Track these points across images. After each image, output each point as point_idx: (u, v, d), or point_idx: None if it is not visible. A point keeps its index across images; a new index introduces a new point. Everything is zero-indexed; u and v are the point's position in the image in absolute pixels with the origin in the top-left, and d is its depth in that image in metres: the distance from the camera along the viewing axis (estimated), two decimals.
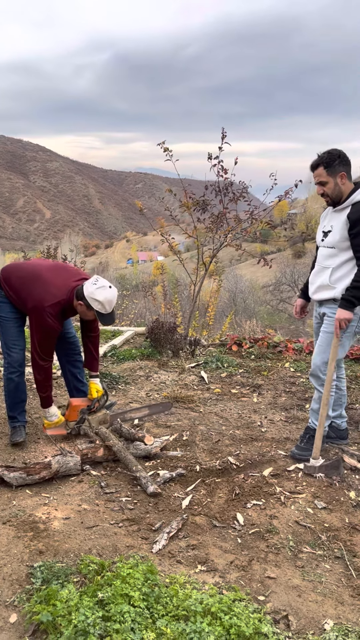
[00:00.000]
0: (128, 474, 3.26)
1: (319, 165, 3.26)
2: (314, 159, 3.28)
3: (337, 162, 3.22)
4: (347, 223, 3.20)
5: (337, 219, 3.30)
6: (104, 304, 3.36)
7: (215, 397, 4.80)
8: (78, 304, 3.42)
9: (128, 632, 1.92)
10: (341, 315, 3.24)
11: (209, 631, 1.94)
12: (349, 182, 3.27)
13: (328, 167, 3.23)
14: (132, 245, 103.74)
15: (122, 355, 5.94)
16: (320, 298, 3.46)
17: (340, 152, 3.25)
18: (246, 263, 50.64)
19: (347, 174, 3.25)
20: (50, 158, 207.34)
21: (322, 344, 3.45)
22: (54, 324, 3.41)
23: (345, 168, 3.24)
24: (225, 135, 5.90)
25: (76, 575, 2.30)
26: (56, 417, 3.69)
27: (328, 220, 3.40)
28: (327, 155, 3.24)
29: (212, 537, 2.69)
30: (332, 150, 3.25)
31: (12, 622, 2.06)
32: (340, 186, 3.25)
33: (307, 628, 2.11)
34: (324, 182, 3.27)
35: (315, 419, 3.53)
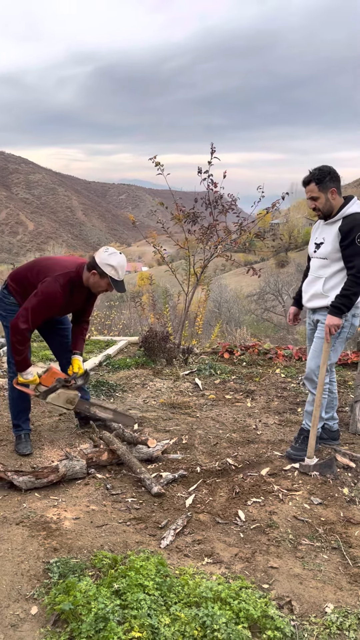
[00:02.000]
0: (132, 476, 3.40)
1: (311, 182, 3.47)
2: (306, 175, 3.49)
3: (328, 178, 3.43)
4: (339, 235, 3.41)
5: (328, 231, 3.51)
6: (117, 269, 3.49)
7: (211, 402, 4.96)
8: (91, 275, 3.51)
9: (145, 618, 2.06)
10: (331, 321, 3.44)
11: (220, 614, 2.08)
12: (339, 197, 3.49)
13: (319, 183, 3.44)
14: None
15: (117, 364, 6.08)
16: (313, 306, 3.66)
17: (330, 169, 3.46)
18: (230, 273, 51.04)
19: (337, 190, 3.47)
20: (33, 170, 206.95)
21: (316, 349, 3.64)
22: (58, 292, 3.44)
23: (335, 184, 3.46)
24: (214, 150, 6.11)
25: (91, 569, 2.44)
26: (32, 376, 3.61)
27: (320, 233, 3.61)
28: (318, 172, 3.45)
29: (216, 533, 2.84)
30: (323, 167, 3.46)
31: (34, 614, 2.19)
32: (331, 201, 3.46)
33: (310, 612, 2.26)
34: (315, 197, 3.48)
35: (309, 420, 3.71)
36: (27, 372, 3.59)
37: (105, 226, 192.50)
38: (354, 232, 3.35)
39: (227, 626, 2.03)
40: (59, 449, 3.79)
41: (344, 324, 3.52)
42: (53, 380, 3.69)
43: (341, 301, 3.40)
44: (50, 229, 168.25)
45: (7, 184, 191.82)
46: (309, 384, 3.73)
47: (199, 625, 2.05)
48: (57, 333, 3.96)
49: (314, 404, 3.61)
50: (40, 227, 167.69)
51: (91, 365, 5.95)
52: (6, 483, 3.20)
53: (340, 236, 3.41)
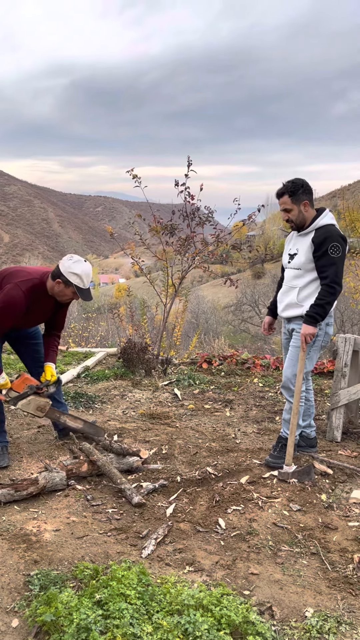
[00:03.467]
0: (113, 486, 3.39)
1: (284, 194, 3.56)
2: (279, 187, 3.58)
3: (301, 191, 3.53)
4: (312, 246, 3.50)
5: (302, 242, 3.60)
6: (82, 277, 3.44)
7: (190, 412, 4.99)
8: (56, 284, 3.47)
9: (127, 627, 2.06)
10: (306, 330, 3.51)
11: (202, 621, 2.10)
12: (312, 209, 3.59)
13: (292, 195, 3.53)
14: (93, 268, 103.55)
15: (95, 376, 6.06)
16: (288, 315, 3.73)
17: (303, 181, 3.56)
18: (207, 284, 51.34)
19: (309, 202, 3.56)
20: (7, 182, 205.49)
21: (292, 358, 3.70)
22: (20, 297, 3.39)
23: (308, 197, 3.56)
24: (191, 163, 6.20)
25: (72, 580, 2.43)
26: (3, 380, 3.58)
27: (293, 244, 3.70)
28: (291, 184, 3.55)
29: (197, 541, 2.86)
30: (296, 180, 3.56)
31: (15, 627, 2.17)
32: (303, 213, 3.56)
33: (290, 616, 2.29)
34: (288, 209, 3.58)
35: (287, 428, 3.76)
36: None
37: (81, 238, 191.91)
38: (326, 243, 3.45)
39: (209, 632, 2.05)
40: (38, 461, 3.76)
41: (319, 333, 3.60)
42: (25, 387, 3.67)
43: (315, 310, 3.48)
44: (26, 241, 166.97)
45: None
46: (285, 393, 3.79)
47: (182, 633, 2.06)
48: (29, 347, 3.93)
49: (291, 412, 3.67)
50: (15, 239, 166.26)
51: (70, 377, 5.93)
52: None
53: (314, 247, 3.50)
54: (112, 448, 3.79)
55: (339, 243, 3.46)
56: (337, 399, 4.23)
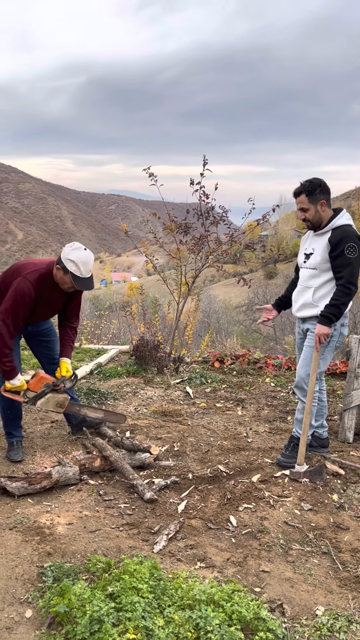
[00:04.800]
0: (125, 482, 3.42)
1: (302, 193, 3.56)
2: (297, 186, 3.58)
3: (318, 190, 3.52)
4: (328, 246, 3.50)
5: (318, 242, 3.60)
6: (78, 264, 3.42)
7: (202, 411, 5.01)
8: (56, 270, 3.50)
9: (140, 620, 2.08)
10: (320, 330, 3.51)
11: (214, 616, 2.12)
12: (329, 209, 3.58)
13: (310, 195, 3.53)
14: (106, 266, 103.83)
15: (108, 373, 6.10)
16: (303, 315, 3.73)
17: (321, 181, 3.56)
18: (219, 284, 51.27)
19: (326, 202, 3.56)
20: (22, 179, 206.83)
21: (305, 358, 3.71)
22: (28, 288, 3.43)
23: (325, 196, 3.55)
24: (206, 162, 6.21)
25: (84, 573, 2.46)
26: (19, 382, 3.59)
27: (309, 243, 3.70)
28: (309, 184, 3.54)
29: (208, 538, 2.88)
30: (314, 180, 3.56)
31: (28, 617, 2.21)
32: (320, 213, 3.55)
33: (301, 614, 2.30)
34: (305, 208, 3.57)
35: (299, 428, 3.77)
36: (14, 378, 3.57)
37: (94, 236, 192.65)
38: (343, 243, 3.44)
39: (220, 628, 2.07)
40: (52, 455, 3.81)
41: (333, 333, 3.60)
42: (41, 386, 3.67)
43: (330, 311, 3.48)
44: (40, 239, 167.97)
45: None
46: (298, 392, 3.79)
47: (193, 627, 2.09)
48: (42, 344, 3.94)
49: (303, 412, 3.67)
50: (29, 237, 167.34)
51: (82, 374, 5.97)
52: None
53: (330, 247, 3.50)
54: (123, 444, 3.82)
55: (356, 243, 3.44)
56: (350, 400, 4.22)
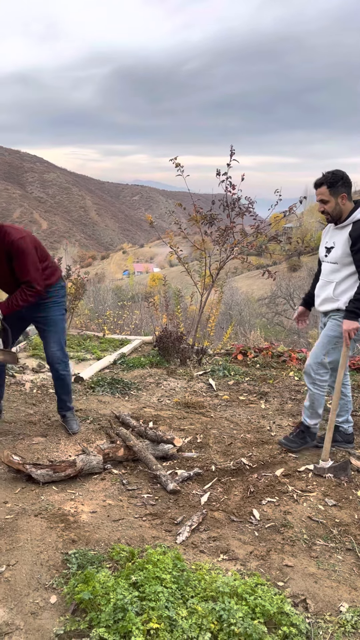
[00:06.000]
0: (148, 472, 3.44)
1: (323, 184, 3.51)
2: (319, 177, 3.54)
3: (340, 183, 3.47)
4: (349, 240, 3.45)
5: (339, 236, 3.55)
6: None
7: (224, 403, 4.99)
8: None
9: (163, 610, 2.09)
10: (348, 326, 3.46)
11: (237, 609, 2.11)
12: (349, 202, 3.53)
13: (331, 187, 3.48)
14: (129, 256, 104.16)
15: (131, 363, 6.13)
16: (325, 310, 3.71)
17: (343, 174, 3.50)
18: (242, 276, 51.00)
19: (347, 195, 3.51)
20: (47, 169, 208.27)
21: (318, 345, 3.71)
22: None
23: (346, 189, 3.51)
24: (233, 152, 6.15)
25: (108, 561, 2.48)
26: None
27: (330, 237, 3.65)
28: (331, 175, 3.49)
29: (231, 530, 2.87)
30: (336, 172, 3.50)
31: (53, 603, 2.23)
32: (340, 206, 3.51)
33: (324, 610, 2.29)
34: (325, 200, 3.52)
35: (307, 415, 3.81)
36: None
37: (117, 226, 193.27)
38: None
39: (243, 620, 2.06)
40: (76, 444, 3.84)
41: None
42: None
43: (355, 305, 3.44)
44: (64, 228, 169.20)
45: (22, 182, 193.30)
46: (306, 379, 3.81)
47: (216, 619, 2.09)
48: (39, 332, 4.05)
49: (310, 399, 3.74)
50: (53, 226, 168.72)
51: (106, 363, 6.01)
52: (24, 475, 3.26)
53: (351, 241, 3.45)
54: (147, 435, 3.83)
55: None
56: None
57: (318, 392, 3.74)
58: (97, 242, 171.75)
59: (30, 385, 5.14)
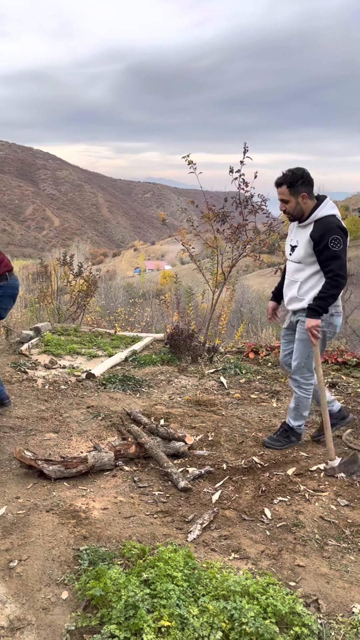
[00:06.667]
0: (159, 469, 3.44)
1: (283, 184, 3.52)
2: (279, 176, 3.54)
3: (300, 182, 3.47)
4: (311, 241, 3.45)
5: (301, 235, 3.55)
6: None
7: (236, 401, 4.98)
8: None
9: (174, 607, 2.09)
10: (309, 323, 3.50)
11: (248, 608, 2.10)
12: (311, 201, 3.51)
13: (291, 186, 3.48)
14: (140, 254, 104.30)
15: (142, 360, 6.13)
16: (292, 308, 3.76)
17: (303, 172, 3.49)
18: (253, 274, 50.79)
19: (308, 194, 3.49)
20: (60, 166, 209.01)
21: (297, 351, 3.74)
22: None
23: (307, 189, 3.49)
24: (247, 149, 6.12)
25: (119, 558, 2.48)
26: None
27: (294, 235, 3.66)
28: (291, 175, 3.49)
29: (243, 529, 2.86)
30: (296, 171, 3.49)
31: (64, 598, 2.24)
32: (301, 205, 3.51)
33: (337, 611, 2.27)
34: (286, 200, 3.53)
35: (292, 417, 3.87)
36: None
37: (129, 224, 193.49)
38: (326, 237, 3.39)
39: (255, 620, 2.05)
40: (88, 441, 3.85)
41: (322, 325, 3.56)
42: None
43: (317, 303, 3.47)
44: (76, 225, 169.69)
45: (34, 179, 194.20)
46: (291, 383, 3.86)
47: (227, 618, 2.08)
48: None
49: (294, 402, 3.81)
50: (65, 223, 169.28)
51: (117, 360, 6.01)
52: (36, 471, 3.27)
53: (313, 242, 3.45)
54: (158, 432, 3.83)
55: (339, 235, 3.39)
56: None
57: (304, 395, 3.79)
58: (109, 239, 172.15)
59: (42, 381, 5.17)
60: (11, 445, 3.68)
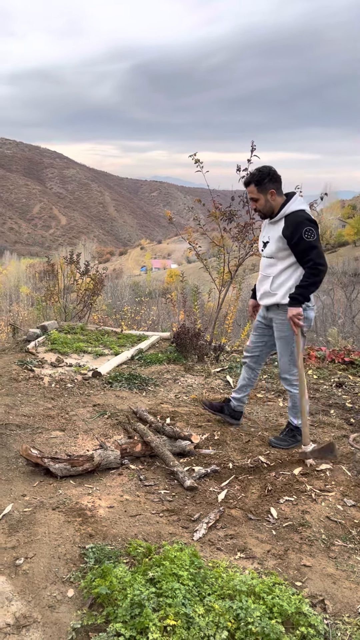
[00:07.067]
0: (165, 468, 3.44)
1: (251, 183, 3.58)
2: (246, 176, 3.64)
3: (267, 180, 3.53)
4: (283, 237, 3.50)
5: (273, 231, 3.61)
6: None
7: None
8: None
9: (180, 606, 2.08)
10: (291, 312, 3.53)
11: (254, 608, 2.10)
12: (280, 197, 3.57)
13: (258, 184, 3.54)
14: (146, 253, 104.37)
15: (149, 359, 6.13)
16: (265, 303, 3.80)
17: (270, 170, 3.55)
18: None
19: (277, 190, 3.55)
20: (67, 165, 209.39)
21: (280, 352, 3.80)
22: None
23: (274, 185, 3.55)
24: (254, 148, 6.10)
25: (125, 557, 2.48)
26: None
27: (266, 231, 3.71)
28: (257, 173, 3.56)
29: (248, 529, 2.86)
30: (262, 169, 3.57)
31: (70, 596, 2.24)
32: (270, 202, 3.57)
33: (343, 611, 2.26)
34: (255, 198, 3.60)
35: (293, 416, 3.92)
36: None
37: (136, 223, 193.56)
38: (299, 230, 3.43)
39: (261, 620, 2.05)
40: (94, 439, 3.85)
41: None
42: None
43: (299, 292, 3.51)
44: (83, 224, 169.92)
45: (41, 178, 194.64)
46: (283, 382, 3.92)
47: (233, 617, 2.07)
48: None
49: (292, 400, 3.89)
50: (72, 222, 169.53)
51: (124, 359, 6.02)
52: (42, 469, 3.28)
53: (286, 239, 3.49)
54: (164, 431, 3.83)
55: (310, 226, 3.45)
56: None
57: (298, 392, 3.80)
58: (115, 238, 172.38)
59: (48, 379, 5.18)
60: (18, 443, 3.70)
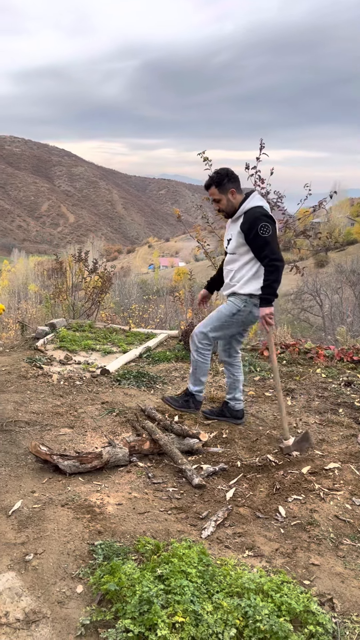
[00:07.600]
0: (173, 466, 3.44)
1: (211, 185, 3.75)
2: (206, 180, 3.77)
3: (226, 180, 3.70)
4: (241, 233, 3.65)
5: (234, 228, 3.76)
6: None
7: (250, 399, 4.97)
8: None
9: (188, 604, 2.09)
10: (263, 312, 3.67)
11: (263, 606, 2.10)
12: (239, 195, 3.73)
13: (219, 185, 3.71)
14: (154, 251, 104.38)
15: (157, 357, 6.14)
16: (225, 294, 3.99)
17: (227, 170, 3.74)
18: None
19: (236, 189, 3.73)
20: (75, 163, 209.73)
21: (209, 317, 3.98)
22: None
23: (233, 184, 3.72)
24: (263, 145, 6.09)
25: (134, 553, 2.49)
26: None
27: (229, 229, 3.87)
28: (216, 175, 3.73)
29: (257, 527, 2.86)
30: (220, 171, 3.75)
31: (79, 592, 2.26)
32: (231, 201, 3.73)
33: (352, 610, 2.26)
34: (217, 199, 3.77)
35: (191, 382, 4.10)
36: None
37: (144, 221, 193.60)
38: (255, 226, 3.58)
39: (269, 618, 2.05)
40: (102, 436, 3.87)
41: (240, 307, 3.79)
42: None
43: (266, 292, 3.66)
44: (90, 222, 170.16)
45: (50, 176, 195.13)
46: (191, 344, 4.05)
47: (242, 615, 2.08)
48: None
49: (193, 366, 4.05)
50: (80, 220, 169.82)
51: (132, 357, 6.03)
52: (51, 466, 3.30)
53: (244, 234, 3.64)
54: (172, 429, 3.84)
55: (267, 222, 3.58)
56: None
57: (201, 360, 3.97)
58: (123, 235, 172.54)
59: (57, 377, 5.20)
60: (27, 440, 3.72)
